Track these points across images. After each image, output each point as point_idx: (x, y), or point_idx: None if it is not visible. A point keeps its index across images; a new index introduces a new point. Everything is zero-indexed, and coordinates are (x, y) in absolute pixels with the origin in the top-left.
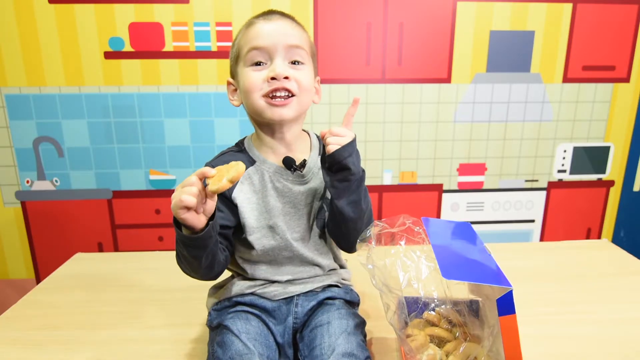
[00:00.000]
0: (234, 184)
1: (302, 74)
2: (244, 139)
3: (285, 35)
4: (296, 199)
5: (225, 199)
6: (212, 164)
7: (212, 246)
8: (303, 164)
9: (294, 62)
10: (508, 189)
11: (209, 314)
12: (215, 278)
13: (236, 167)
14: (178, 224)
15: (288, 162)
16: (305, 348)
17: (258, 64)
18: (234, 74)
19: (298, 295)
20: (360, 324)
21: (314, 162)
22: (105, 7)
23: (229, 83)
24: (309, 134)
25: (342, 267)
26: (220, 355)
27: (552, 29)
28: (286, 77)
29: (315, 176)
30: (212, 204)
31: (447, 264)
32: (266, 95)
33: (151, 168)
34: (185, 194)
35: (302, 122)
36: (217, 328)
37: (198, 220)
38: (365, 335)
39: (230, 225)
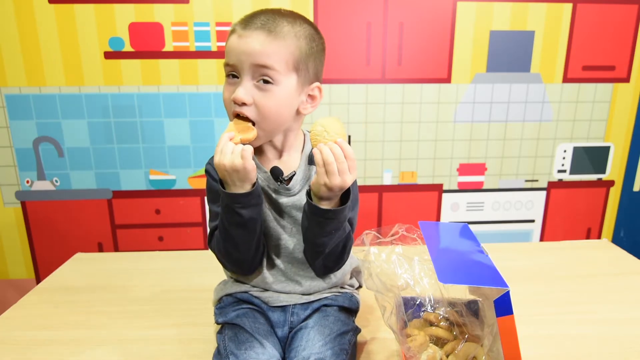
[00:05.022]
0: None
1: (267, 98)
2: None
3: (252, 54)
4: (280, 209)
5: None
6: (211, 162)
7: (262, 208)
8: (291, 177)
9: (264, 81)
10: (508, 189)
11: (214, 312)
12: (259, 263)
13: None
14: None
15: (275, 173)
16: (287, 347)
17: (234, 76)
18: None
19: (294, 305)
20: (346, 333)
21: (303, 172)
22: (105, 7)
23: None
24: (304, 134)
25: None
26: (234, 350)
27: (552, 29)
28: (244, 104)
29: (303, 189)
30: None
31: (444, 268)
32: (234, 115)
33: (151, 168)
34: (229, 149)
35: (296, 129)
36: (227, 325)
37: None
38: (350, 344)
39: None
